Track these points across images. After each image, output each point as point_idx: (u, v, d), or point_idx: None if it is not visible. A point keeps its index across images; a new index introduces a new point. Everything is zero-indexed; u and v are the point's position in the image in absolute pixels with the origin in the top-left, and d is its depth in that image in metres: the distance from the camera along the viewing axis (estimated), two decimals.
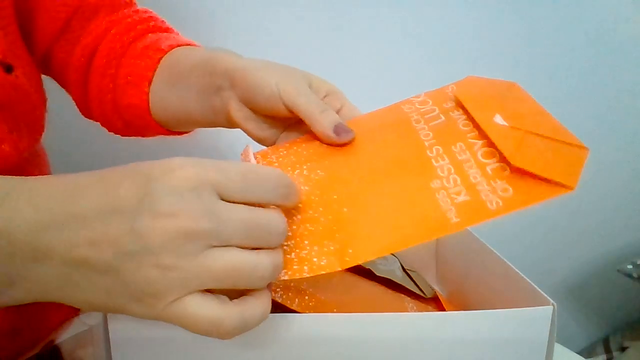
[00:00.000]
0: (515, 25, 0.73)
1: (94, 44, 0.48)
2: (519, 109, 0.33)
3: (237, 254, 0.25)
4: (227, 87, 0.40)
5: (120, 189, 0.24)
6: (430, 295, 0.49)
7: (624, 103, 0.78)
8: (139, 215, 0.24)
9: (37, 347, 0.45)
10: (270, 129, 0.41)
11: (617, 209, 0.84)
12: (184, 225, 0.24)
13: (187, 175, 0.24)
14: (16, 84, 0.41)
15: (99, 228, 0.24)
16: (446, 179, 0.31)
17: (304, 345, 0.32)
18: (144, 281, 0.24)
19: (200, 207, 0.24)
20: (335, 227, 0.31)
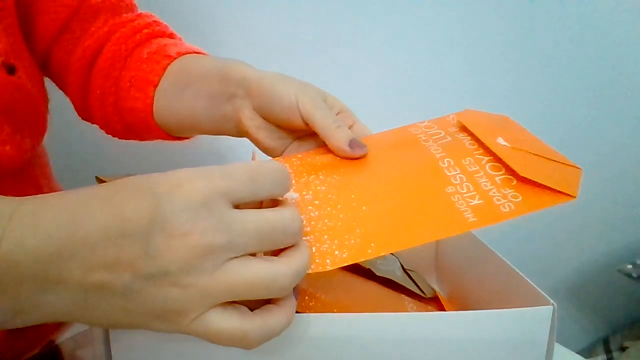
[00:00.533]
0: (509, 30, 0.73)
1: (96, 45, 0.48)
2: (517, 135, 0.36)
3: (255, 265, 0.25)
4: (242, 96, 0.40)
5: (127, 211, 0.24)
6: (430, 295, 0.49)
7: (624, 104, 0.78)
8: (151, 238, 0.23)
9: (37, 347, 0.45)
10: (280, 139, 0.42)
11: (617, 209, 0.84)
12: (198, 243, 0.23)
13: (195, 190, 0.24)
14: (19, 84, 0.41)
15: (112, 252, 0.24)
16: (459, 186, 0.33)
17: (304, 345, 0.33)
18: (164, 300, 0.24)
19: (213, 221, 0.24)
20: (355, 224, 0.32)
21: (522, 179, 0.31)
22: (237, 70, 0.41)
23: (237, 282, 0.24)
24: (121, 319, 0.25)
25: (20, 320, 0.25)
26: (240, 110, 0.40)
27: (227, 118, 0.42)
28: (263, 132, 0.41)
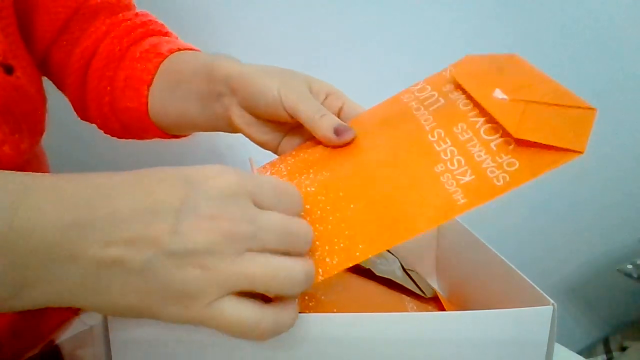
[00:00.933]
0: (509, 26, 0.73)
1: (93, 46, 0.48)
2: (519, 80, 0.32)
3: (274, 258, 0.26)
4: (228, 94, 0.41)
5: (159, 192, 0.25)
6: (430, 295, 0.49)
7: (624, 104, 0.78)
8: (182, 216, 0.24)
9: (37, 347, 0.45)
10: (272, 132, 0.42)
11: (617, 209, 0.84)
12: (226, 227, 0.24)
13: (227, 182, 0.25)
14: (17, 85, 0.41)
15: (138, 228, 0.24)
16: (450, 161, 0.31)
17: (304, 345, 0.33)
18: (182, 281, 0.24)
19: (240, 212, 0.25)
20: (344, 225, 0.32)
21: (520, 140, 0.29)
22: (222, 67, 0.41)
23: (257, 272, 0.25)
24: (132, 300, 0.25)
25: (26, 296, 0.24)
26: (228, 109, 0.41)
27: (218, 117, 0.42)
28: (254, 127, 0.41)
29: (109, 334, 0.32)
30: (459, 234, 0.54)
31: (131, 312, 0.26)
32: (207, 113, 0.43)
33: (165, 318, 0.26)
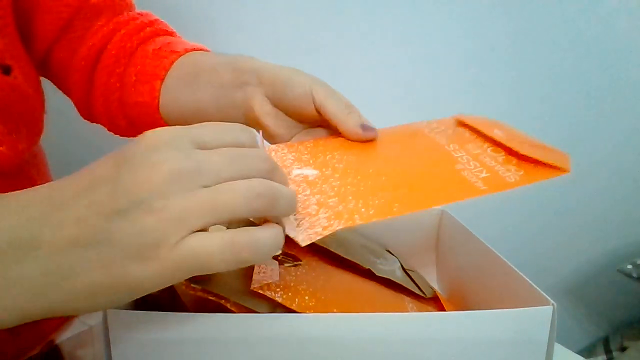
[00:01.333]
0: (509, 31, 0.73)
1: (100, 43, 0.48)
2: (511, 131, 0.39)
3: (228, 183, 0.25)
4: (254, 83, 0.41)
5: (96, 169, 0.25)
6: (430, 295, 0.49)
7: (624, 104, 0.78)
8: (119, 177, 0.24)
9: (37, 347, 0.45)
10: (287, 127, 0.42)
11: (617, 209, 0.84)
12: (167, 169, 0.24)
13: (158, 135, 0.25)
14: (15, 85, 0.41)
15: (82, 203, 0.24)
16: (467, 164, 0.36)
17: (304, 345, 0.33)
18: (140, 233, 0.23)
19: (179, 153, 0.24)
20: (378, 188, 0.34)
21: (522, 158, 0.35)
22: (249, 61, 0.43)
23: (212, 200, 0.24)
24: (100, 276, 0.24)
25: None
26: (251, 97, 0.41)
27: (235, 105, 0.42)
28: (272, 119, 0.41)
29: (109, 334, 0.32)
30: (459, 234, 0.54)
31: (107, 289, 0.24)
32: (224, 100, 0.43)
33: (141, 279, 0.24)
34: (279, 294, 0.35)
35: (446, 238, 0.59)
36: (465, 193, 0.33)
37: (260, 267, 0.37)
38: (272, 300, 0.34)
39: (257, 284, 0.34)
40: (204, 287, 0.33)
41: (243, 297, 0.34)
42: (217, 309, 0.33)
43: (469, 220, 0.54)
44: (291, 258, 0.41)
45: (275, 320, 0.32)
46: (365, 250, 0.50)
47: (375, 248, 0.53)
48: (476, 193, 0.33)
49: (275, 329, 0.32)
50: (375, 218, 0.31)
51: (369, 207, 0.32)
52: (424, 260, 0.59)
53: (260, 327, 0.32)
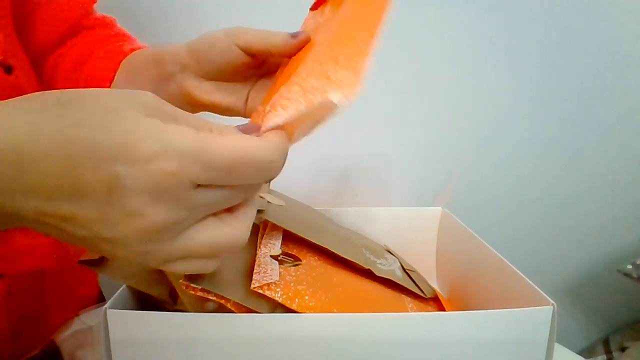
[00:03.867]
0: (505, 31, 0.73)
1: (61, 54, 0.48)
2: None
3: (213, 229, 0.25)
4: (179, 70, 0.40)
5: (84, 170, 0.21)
6: (430, 295, 0.49)
7: (624, 103, 0.78)
8: (109, 208, 0.22)
9: (37, 347, 0.45)
10: (235, 93, 0.41)
11: (617, 209, 0.84)
12: (156, 223, 0.23)
13: (162, 174, 0.22)
14: (16, 84, 0.41)
15: (66, 207, 0.22)
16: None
17: (304, 345, 0.33)
18: (124, 257, 0.24)
19: (173, 204, 0.23)
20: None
21: None
22: (167, 50, 0.41)
23: (197, 247, 0.25)
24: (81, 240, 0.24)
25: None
26: (184, 85, 0.40)
27: (175, 97, 0.41)
28: (216, 93, 0.40)
29: (109, 334, 0.32)
30: (459, 234, 0.54)
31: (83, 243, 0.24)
32: (162, 96, 0.42)
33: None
34: (279, 294, 0.35)
35: (446, 238, 0.59)
36: None
37: (260, 267, 0.37)
38: (272, 300, 0.34)
39: (257, 284, 0.34)
40: (204, 287, 0.33)
41: (243, 297, 0.34)
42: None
43: (469, 220, 0.54)
44: (291, 258, 0.41)
45: (275, 320, 0.32)
46: (366, 250, 0.50)
47: (375, 248, 0.53)
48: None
49: (275, 329, 0.32)
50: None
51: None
52: (424, 260, 0.59)
53: (260, 327, 0.32)
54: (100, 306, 0.33)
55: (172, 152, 0.22)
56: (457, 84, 0.75)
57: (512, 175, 0.81)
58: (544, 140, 0.79)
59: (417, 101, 0.76)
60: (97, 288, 0.58)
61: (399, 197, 0.81)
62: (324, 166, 0.78)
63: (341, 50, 0.32)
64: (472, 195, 0.79)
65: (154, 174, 0.22)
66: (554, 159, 0.80)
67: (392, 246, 0.58)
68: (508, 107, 0.77)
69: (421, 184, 0.80)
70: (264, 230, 0.44)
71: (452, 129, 0.77)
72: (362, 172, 0.79)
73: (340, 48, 0.33)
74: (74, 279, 0.52)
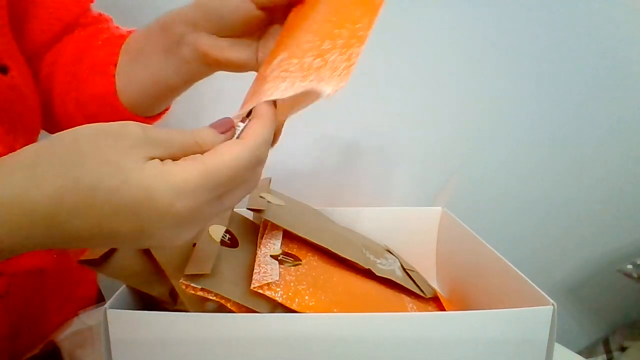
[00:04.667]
0: (504, 30, 0.73)
1: (59, 52, 0.48)
2: None
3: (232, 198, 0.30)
4: (189, 31, 0.40)
5: (113, 223, 0.25)
6: (430, 295, 0.49)
7: (624, 102, 0.78)
8: (140, 242, 0.27)
9: (37, 347, 0.45)
10: (247, 47, 0.40)
11: (617, 209, 0.84)
12: (185, 239, 0.28)
13: (181, 211, 0.26)
14: (12, 84, 0.41)
15: (104, 243, 0.29)
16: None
17: (304, 345, 0.33)
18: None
19: (197, 222, 0.28)
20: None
21: None
22: (172, 14, 0.41)
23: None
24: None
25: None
26: (197, 45, 0.40)
27: (189, 59, 0.41)
28: (230, 50, 0.40)
29: (109, 334, 0.32)
30: (459, 234, 0.54)
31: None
32: (175, 63, 0.42)
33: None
34: (279, 294, 0.35)
35: (446, 238, 0.59)
36: None
37: (260, 267, 0.37)
38: (272, 300, 0.34)
39: (257, 284, 0.34)
40: (204, 287, 0.33)
41: (243, 297, 0.34)
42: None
43: (469, 220, 0.54)
44: (291, 258, 0.41)
45: (275, 320, 0.32)
46: (366, 250, 0.50)
47: (375, 248, 0.53)
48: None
49: (275, 329, 0.32)
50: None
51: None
52: (424, 260, 0.59)
53: (260, 327, 0.32)
54: (100, 306, 0.33)
55: (183, 194, 0.26)
56: (457, 83, 0.75)
57: (512, 175, 0.81)
58: (544, 140, 0.79)
59: (417, 101, 0.76)
60: (96, 288, 0.58)
61: (399, 197, 0.81)
62: (324, 166, 0.78)
63: (340, 27, 0.34)
64: (472, 195, 0.79)
65: (175, 215, 0.26)
66: (554, 159, 0.80)
67: (392, 246, 0.58)
68: (508, 107, 0.77)
69: (421, 184, 0.80)
70: (264, 230, 0.44)
71: (453, 129, 0.77)
72: (362, 172, 0.79)
73: (340, 24, 0.34)
74: (73, 278, 0.52)
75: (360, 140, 0.77)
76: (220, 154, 0.28)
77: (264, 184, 0.52)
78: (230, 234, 0.43)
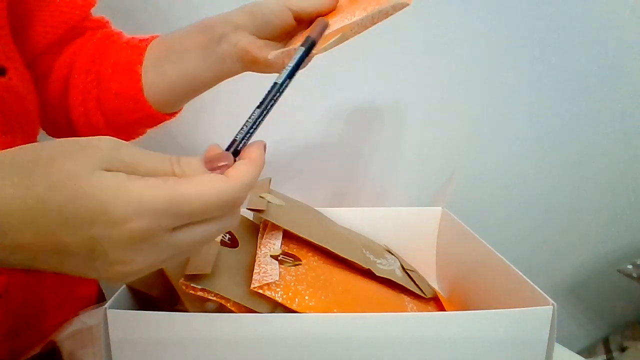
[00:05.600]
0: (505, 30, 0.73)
1: (76, 54, 0.48)
2: None
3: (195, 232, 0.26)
4: (231, 31, 0.43)
5: (62, 235, 0.24)
6: (430, 295, 0.49)
7: (624, 102, 0.78)
8: (92, 261, 0.25)
9: (37, 347, 0.45)
10: (277, 49, 0.44)
11: (617, 209, 0.84)
12: (138, 267, 0.25)
13: (136, 230, 0.23)
14: (9, 86, 0.41)
15: (53, 260, 0.25)
16: None
17: (304, 345, 0.33)
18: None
19: (155, 250, 0.25)
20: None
21: None
22: (212, 19, 0.45)
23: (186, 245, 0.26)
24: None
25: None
26: (239, 43, 0.43)
27: (224, 57, 0.44)
28: (265, 49, 0.43)
29: (109, 334, 0.32)
30: (459, 234, 0.54)
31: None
32: (211, 59, 0.45)
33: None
34: (279, 294, 0.35)
35: (446, 238, 0.59)
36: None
37: (260, 267, 0.37)
38: (272, 300, 0.34)
39: (257, 284, 0.34)
40: (204, 287, 0.33)
41: (243, 297, 0.34)
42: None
43: (469, 220, 0.54)
44: (291, 258, 0.41)
45: (275, 320, 0.32)
46: (366, 250, 0.50)
47: (375, 248, 0.53)
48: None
49: (275, 329, 0.32)
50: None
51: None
52: (424, 260, 0.59)
53: (260, 327, 0.32)
54: (100, 306, 0.33)
55: (143, 212, 0.23)
56: (457, 83, 0.75)
57: (512, 175, 0.81)
58: (544, 141, 0.79)
59: (417, 101, 0.76)
60: (96, 288, 0.58)
61: (399, 197, 0.81)
62: (324, 166, 0.78)
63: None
64: (472, 195, 0.79)
65: (130, 232, 0.23)
66: (554, 159, 0.80)
67: (392, 246, 0.58)
68: (508, 107, 0.77)
69: (421, 184, 0.80)
70: (264, 230, 0.44)
71: (453, 129, 0.77)
72: (362, 172, 0.79)
73: None
74: (72, 278, 0.52)
75: (360, 140, 0.77)
76: (197, 183, 0.25)
77: (264, 184, 0.52)
78: (230, 234, 0.43)
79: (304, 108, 0.72)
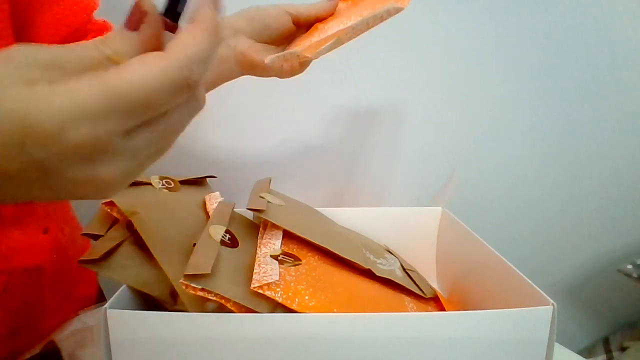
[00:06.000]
0: (505, 30, 0.73)
1: None
2: None
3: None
4: (231, 35, 0.44)
5: (6, 163, 0.20)
6: (430, 295, 0.49)
7: (624, 102, 0.78)
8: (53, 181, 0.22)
9: (37, 347, 0.45)
10: (275, 53, 0.45)
11: (618, 209, 0.84)
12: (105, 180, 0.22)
13: (79, 140, 0.20)
14: None
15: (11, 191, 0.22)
16: None
17: (304, 345, 0.33)
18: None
19: (114, 159, 0.22)
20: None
21: None
22: None
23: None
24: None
25: None
26: (237, 46, 0.44)
27: (222, 60, 0.45)
28: (263, 53, 0.44)
29: (109, 334, 0.32)
30: (459, 234, 0.54)
31: None
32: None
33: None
34: (279, 294, 0.35)
35: (446, 238, 0.59)
36: None
37: (260, 267, 0.37)
38: (272, 300, 0.34)
39: (257, 284, 0.34)
40: (204, 287, 0.33)
41: (243, 297, 0.34)
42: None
43: (469, 220, 0.54)
44: (291, 258, 0.41)
45: (275, 320, 0.32)
46: (366, 250, 0.50)
47: (375, 248, 0.53)
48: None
49: (275, 329, 0.32)
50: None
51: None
52: (424, 260, 0.59)
53: (260, 327, 0.32)
54: (100, 306, 0.33)
55: (77, 118, 0.20)
56: (458, 84, 0.75)
57: (512, 175, 0.81)
58: (543, 141, 0.79)
59: (417, 101, 0.76)
60: (96, 287, 0.58)
61: (399, 197, 0.81)
62: (325, 166, 0.78)
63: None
64: (472, 195, 0.79)
65: (74, 143, 0.20)
66: (554, 159, 0.80)
67: (392, 246, 0.58)
68: (508, 107, 0.77)
69: (421, 184, 0.80)
70: (264, 230, 0.44)
71: (453, 128, 0.77)
72: (361, 172, 0.79)
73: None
74: (72, 277, 0.52)
75: (360, 140, 0.77)
76: (130, 70, 0.21)
77: (264, 184, 0.52)
78: (230, 234, 0.43)
79: (304, 108, 0.72)
